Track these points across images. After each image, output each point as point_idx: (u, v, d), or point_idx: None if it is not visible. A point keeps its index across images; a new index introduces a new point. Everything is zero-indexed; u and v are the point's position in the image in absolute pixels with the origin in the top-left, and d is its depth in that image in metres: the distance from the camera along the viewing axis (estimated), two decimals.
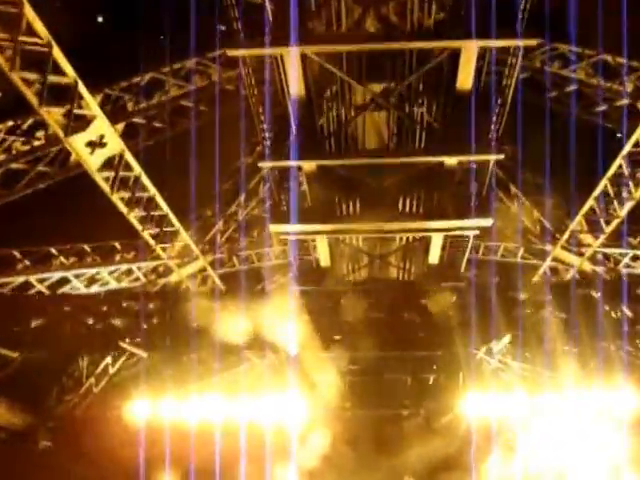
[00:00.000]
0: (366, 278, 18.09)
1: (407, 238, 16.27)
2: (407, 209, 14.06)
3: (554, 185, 19.29)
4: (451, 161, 12.69)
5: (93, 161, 13.72)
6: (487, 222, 14.27)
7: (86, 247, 19.03)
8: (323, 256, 15.37)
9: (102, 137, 13.23)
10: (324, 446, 22.85)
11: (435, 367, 23.78)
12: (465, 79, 11.27)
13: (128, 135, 15.97)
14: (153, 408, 22.59)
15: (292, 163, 12.69)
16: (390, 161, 12.96)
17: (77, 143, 12.95)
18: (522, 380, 26.53)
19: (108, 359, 21.31)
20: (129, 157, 14.60)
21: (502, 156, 13.05)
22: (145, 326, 19.63)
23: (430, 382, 24.35)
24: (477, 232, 14.66)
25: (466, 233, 14.78)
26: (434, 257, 15.99)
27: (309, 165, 12.77)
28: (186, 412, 22.65)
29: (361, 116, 13.03)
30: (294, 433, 22.56)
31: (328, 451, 22.93)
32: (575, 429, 23.09)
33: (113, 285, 18.33)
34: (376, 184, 13.38)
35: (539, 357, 26.28)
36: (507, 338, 23.38)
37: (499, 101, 12.58)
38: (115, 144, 13.98)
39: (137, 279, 18.70)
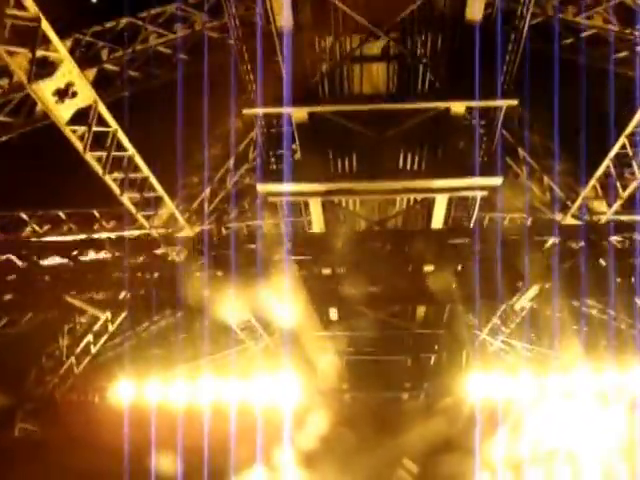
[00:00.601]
0: (364, 248, 16.81)
1: (408, 201, 14.97)
2: (409, 166, 12.77)
3: (564, 149, 17.98)
4: (458, 108, 11.39)
5: (62, 112, 12.39)
6: (496, 181, 12.97)
7: (61, 214, 17.64)
8: (317, 221, 14.05)
9: (71, 85, 11.92)
10: (321, 429, 21.70)
11: (437, 347, 22.50)
12: (475, 9, 9.98)
13: (102, 86, 14.57)
14: (139, 390, 21.37)
15: (282, 110, 11.38)
16: (390, 107, 11.64)
17: (43, 91, 11.62)
18: (527, 361, 25.29)
19: (89, 337, 20.08)
20: (103, 110, 13.27)
21: (515, 102, 11.77)
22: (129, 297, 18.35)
23: (431, 362, 23.04)
24: (485, 193, 13.38)
25: (473, 194, 13.49)
26: (438, 222, 14.70)
27: (300, 113, 11.48)
28: (174, 394, 21.43)
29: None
30: (288, 416, 21.36)
31: (325, 434, 21.76)
32: (582, 411, 21.86)
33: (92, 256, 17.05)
34: (375, 136, 12.05)
35: (546, 338, 25.11)
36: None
37: (511, 42, 11.31)
38: (86, 94, 12.64)
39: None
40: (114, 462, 19.18)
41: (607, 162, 16.00)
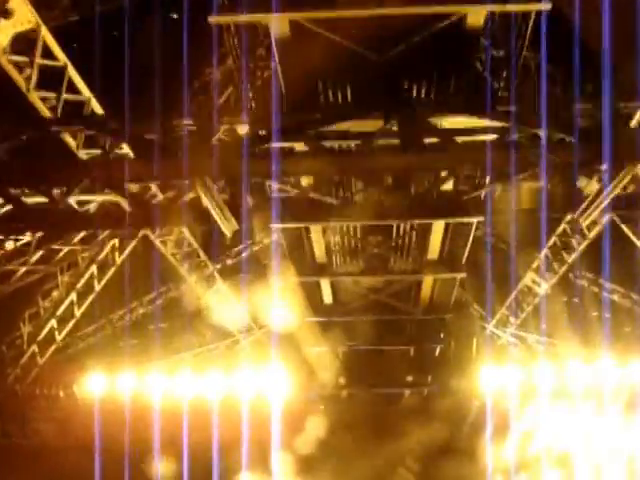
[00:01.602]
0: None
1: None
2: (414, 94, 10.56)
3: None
4: (476, 15, 9.12)
5: None
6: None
7: None
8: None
9: (4, 2, 9.76)
10: (316, 431, 19.42)
11: (442, 335, 20.24)
12: None
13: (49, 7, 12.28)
14: (111, 383, 19.05)
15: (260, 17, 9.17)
16: (391, 11, 9.34)
17: None
18: (541, 354, 22.71)
19: (53, 322, 17.81)
20: (49, 38, 11.08)
21: (549, 5, 9.58)
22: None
23: (436, 353, 20.78)
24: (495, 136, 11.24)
25: (485, 137, 11.34)
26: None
27: (281, 22, 9.25)
28: (151, 388, 19.09)
29: None
30: (277, 415, 19.06)
31: (320, 437, 19.56)
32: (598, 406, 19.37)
33: None
34: (373, 59, 9.84)
35: (561, 328, 22.70)
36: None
37: None
38: (25, 15, 10.46)
39: None
40: (82, 461, 17.43)
41: None
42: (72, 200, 13.13)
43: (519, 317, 21.74)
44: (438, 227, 14.42)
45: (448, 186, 12.78)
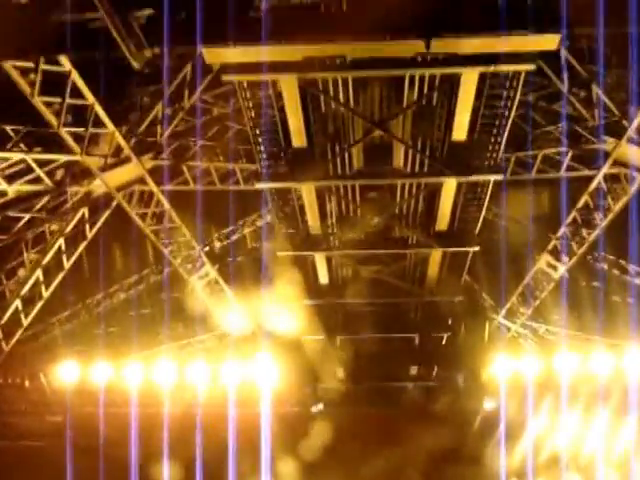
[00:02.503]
0: None
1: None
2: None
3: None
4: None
5: None
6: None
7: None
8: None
9: None
10: (313, 436, 17.61)
11: (451, 321, 18.39)
12: None
13: None
14: (84, 372, 17.41)
15: None
16: None
17: None
18: (556, 346, 20.69)
19: (17, 303, 15.97)
20: None
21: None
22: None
23: (443, 342, 18.92)
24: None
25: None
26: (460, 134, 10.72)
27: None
28: (128, 378, 17.18)
29: None
30: (266, 409, 17.26)
31: (318, 442, 17.56)
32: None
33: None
34: None
35: (580, 315, 20.72)
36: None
37: None
38: None
39: (38, 181, 13.04)
40: (51, 452, 16.32)
41: None
42: None
43: (532, 306, 19.84)
44: (448, 188, 12.66)
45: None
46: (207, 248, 20.72)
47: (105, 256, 18.33)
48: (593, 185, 15.77)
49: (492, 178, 12.84)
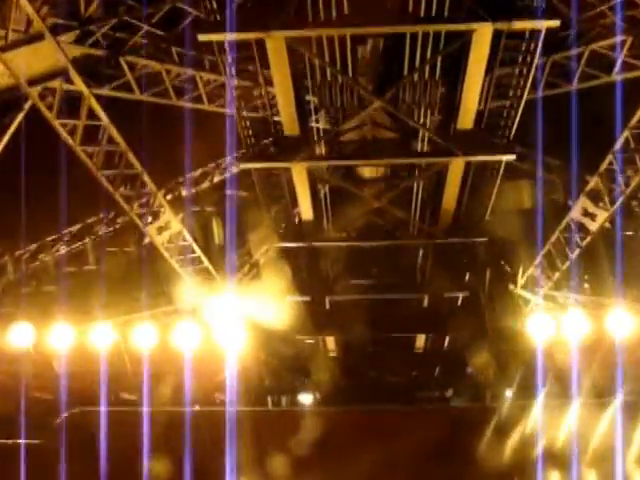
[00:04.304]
0: None
1: None
2: None
3: None
4: None
5: None
6: None
7: None
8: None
9: None
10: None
11: (468, 276, 14.70)
12: None
13: None
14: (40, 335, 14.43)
15: None
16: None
17: None
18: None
19: None
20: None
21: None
22: None
23: (459, 303, 15.19)
24: None
25: None
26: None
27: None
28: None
29: None
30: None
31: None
32: None
33: None
34: None
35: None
36: None
37: None
38: None
39: None
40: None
41: None
42: None
43: (563, 265, 15.78)
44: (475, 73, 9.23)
45: None
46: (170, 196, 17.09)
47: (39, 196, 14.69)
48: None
49: None
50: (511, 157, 11.07)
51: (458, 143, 10.31)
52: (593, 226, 14.48)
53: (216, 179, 18.09)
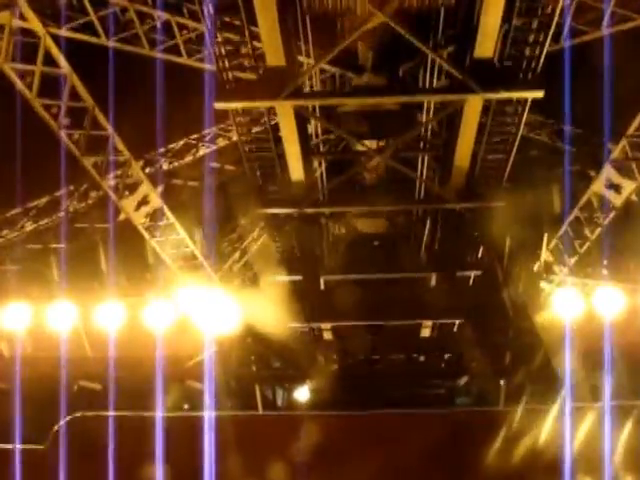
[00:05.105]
0: None
1: None
2: None
3: None
4: None
5: None
6: None
7: None
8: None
9: None
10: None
11: (482, 250, 13.02)
12: None
13: None
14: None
15: None
16: None
17: None
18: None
19: None
20: None
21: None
22: None
23: (470, 282, 13.52)
24: None
25: None
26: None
27: None
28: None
29: None
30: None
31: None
32: None
33: None
34: None
35: None
36: None
37: None
38: None
39: None
40: None
41: None
42: None
43: (582, 247, 13.97)
44: None
45: None
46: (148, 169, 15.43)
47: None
48: None
49: None
50: (539, 94, 9.34)
51: (475, 76, 8.65)
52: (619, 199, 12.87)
53: (201, 152, 16.52)
